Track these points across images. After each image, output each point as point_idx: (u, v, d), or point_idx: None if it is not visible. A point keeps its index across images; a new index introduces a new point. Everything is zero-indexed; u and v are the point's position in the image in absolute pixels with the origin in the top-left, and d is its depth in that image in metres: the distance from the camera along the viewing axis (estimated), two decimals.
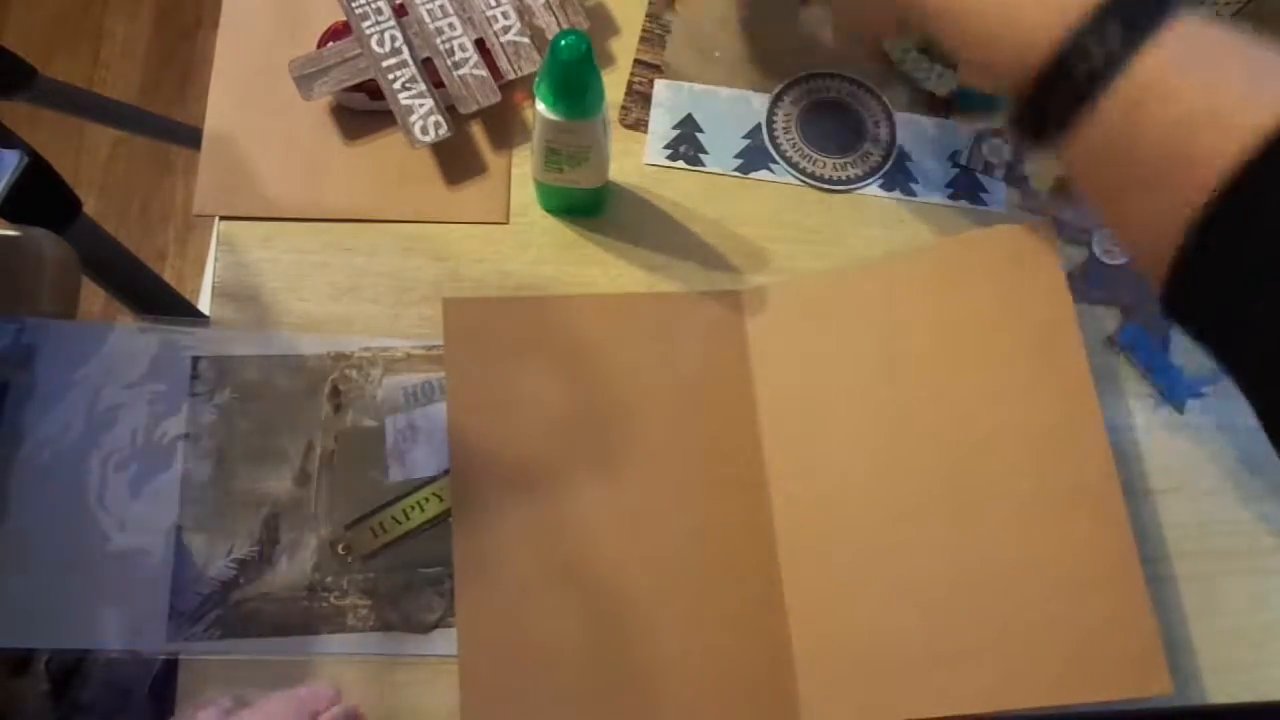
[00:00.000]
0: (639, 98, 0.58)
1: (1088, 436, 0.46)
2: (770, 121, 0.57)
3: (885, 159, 0.57)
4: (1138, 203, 0.39)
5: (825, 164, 0.56)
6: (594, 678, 0.46)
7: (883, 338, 0.50)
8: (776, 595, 0.48)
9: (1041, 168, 0.57)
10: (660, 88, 0.57)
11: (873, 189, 0.56)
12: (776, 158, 0.56)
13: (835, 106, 0.58)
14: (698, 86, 0.57)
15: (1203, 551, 0.50)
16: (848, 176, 0.56)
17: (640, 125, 0.57)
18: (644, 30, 0.59)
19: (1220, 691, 0.48)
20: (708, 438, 0.50)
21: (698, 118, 0.57)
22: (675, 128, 0.57)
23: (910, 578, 0.47)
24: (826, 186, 0.56)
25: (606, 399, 0.51)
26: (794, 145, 0.57)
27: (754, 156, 0.57)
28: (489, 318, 0.52)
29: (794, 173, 0.56)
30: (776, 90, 0.58)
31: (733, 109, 0.58)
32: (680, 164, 0.56)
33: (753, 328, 0.52)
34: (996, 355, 0.48)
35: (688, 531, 0.49)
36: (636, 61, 0.58)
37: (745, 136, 0.57)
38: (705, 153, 0.56)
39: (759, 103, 0.58)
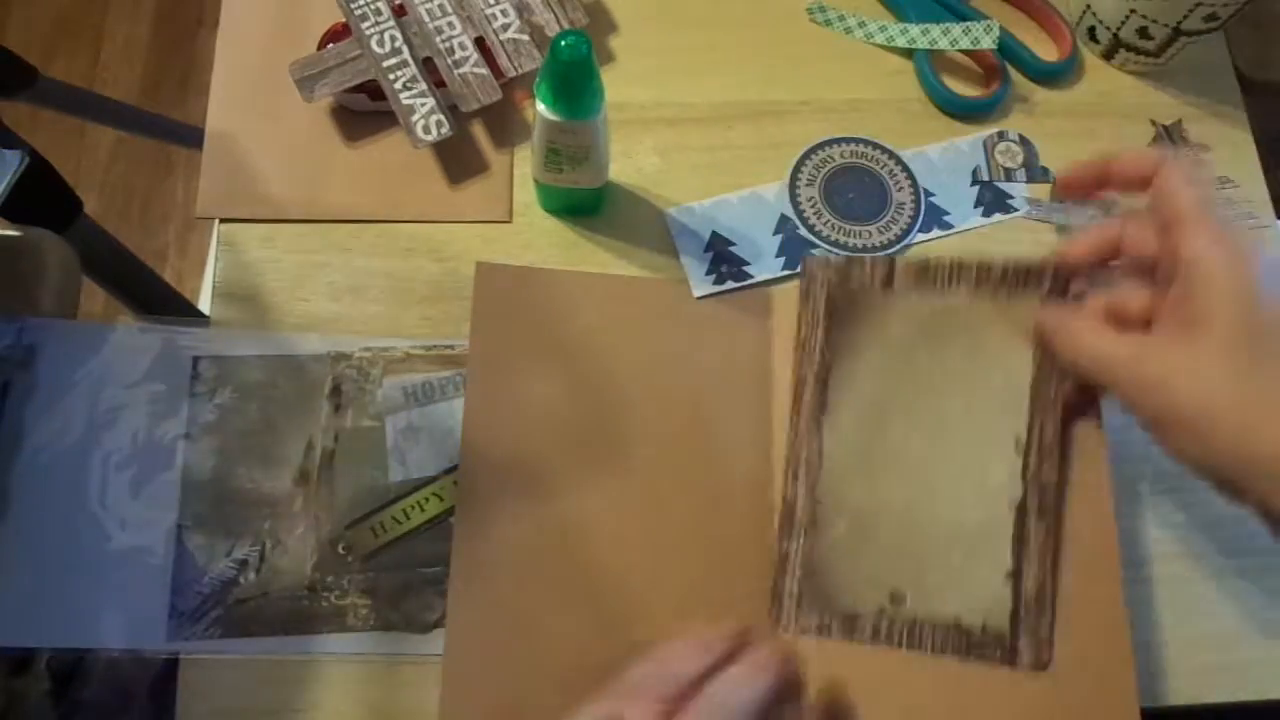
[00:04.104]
0: None
1: (1094, 509, 0.47)
2: (797, 209, 0.55)
3: (917, 207, 0.56)
4: None
5: (867, 233, 0.55)
6: (580, 675, 0.46)
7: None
8: (769, 595, 0.48)
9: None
10: (672, 217, 0.55)
11: (915, 238, 0.55)
12: (817, 242, 0.55)
13: (850, 173, 0.57)
14: (706, 203, 0.56)
15: (1182, 554, 0.51)
16: (889, 239, 0.55)
17: None
18: None
19: (1181, 693, 0.48)
20: (720, 432, 0.50)
21: (722, 233, 0.55)
22: (707, 250, 0.54)
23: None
24: (873, 254, 0.54)
25: (624, 382, 0.51)
26: (829, 224, 0.55)
27: (794, 248, 0.55)
28: (520, 285, 0.52)
29: (838, 252, 0.54)
30: (788, 177, 0.56)
31: (750, 210, 0.56)
32: (730, 284, 0.53)
33: (777, 327, 0.52)
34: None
35: (688, 524, 0.49)
36: None
37: (776, 232, 0.55)
38: (747, 264, 0.54)
39: (772, 194, 0.56)
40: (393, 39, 0.54)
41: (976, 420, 0.48)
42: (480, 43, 0.55)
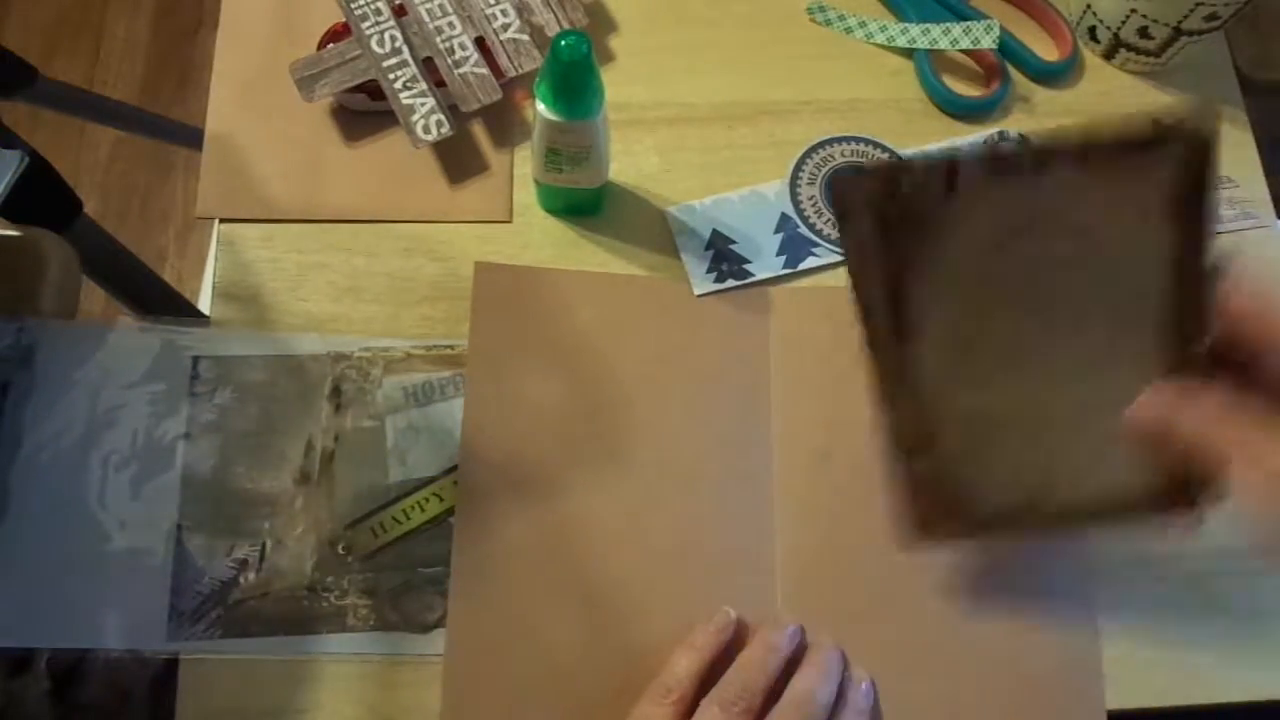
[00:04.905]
0: None
1: None
2: (798, 208, 0.55)
3: None
4: None
5: None
6: (580, 675, 0.46)
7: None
8: (770, 592, 0.48)
9: None
10: (673, 215, 0.55)
11: None
12: (818, 240, 0.55)
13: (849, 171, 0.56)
14: (706, 201, 0.56)
15: (1186, 553, 0.50)
16: None
17: None
18: None
19: (1182, 693, 0.48)
20: (720, 430, 0.51)
21: (723, 231, 0.55)
22: (707, 249, 0.54)
23: (894, 591, 0.48)
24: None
25: (625, 381, 0.51)
26: (830, 223, 0.55)
27: (795, 247, 0.55)
28: (520, 285, 0.53)
29: (838, 250, 0.54)
30: (789, 175, 0.56)
31: (751, 209, 0.55)
32: (730, 282, 0.53)
33: (775, 326, 0.53)
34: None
35: (687, 523, 0.49)
36: None
37: (777, 231, 0.55)
38: (749, 261, 0.54)
39: (773, 193, 0.56)
40: (393, 39, 0.54)
41: (1102, 291, 0.40)
42: (480, 43, 0.55)
